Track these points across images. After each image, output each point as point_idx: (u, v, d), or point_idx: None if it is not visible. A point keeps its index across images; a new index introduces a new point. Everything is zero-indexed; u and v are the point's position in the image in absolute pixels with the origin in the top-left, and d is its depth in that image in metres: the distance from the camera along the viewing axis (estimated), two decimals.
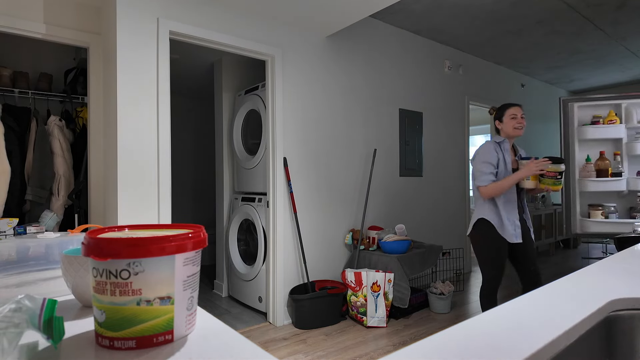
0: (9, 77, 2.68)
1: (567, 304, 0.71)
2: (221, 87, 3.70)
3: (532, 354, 0.52)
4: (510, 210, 2.15)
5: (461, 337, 0.57)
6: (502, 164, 2.17)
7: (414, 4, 3.28)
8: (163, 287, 0.55)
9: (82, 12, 2.46)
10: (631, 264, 1.03)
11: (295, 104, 3.02)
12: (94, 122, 2.54)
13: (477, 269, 4.71)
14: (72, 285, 0.73)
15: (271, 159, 2.93)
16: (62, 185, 2.62)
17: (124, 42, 2.22)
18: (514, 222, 2.14)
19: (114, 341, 0.54)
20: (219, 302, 3.53)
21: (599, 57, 4.75)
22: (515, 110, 2.19)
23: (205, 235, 0.62)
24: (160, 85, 2.34)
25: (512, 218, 2.14)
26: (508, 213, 2.14)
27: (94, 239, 0.54)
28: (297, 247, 3.04)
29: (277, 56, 2.90)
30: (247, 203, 3.32)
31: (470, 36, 4.00)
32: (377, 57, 3.59)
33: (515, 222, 2.14)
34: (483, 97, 4.77)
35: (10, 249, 0.91)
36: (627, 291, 0.78)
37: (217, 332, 0.61)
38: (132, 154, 2.24)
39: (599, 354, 0.72)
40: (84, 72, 2.86)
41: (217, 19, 2.60)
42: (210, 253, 4.95)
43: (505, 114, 2.21)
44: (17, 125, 2.58)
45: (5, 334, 0.47)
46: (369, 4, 2.63)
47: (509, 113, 2.20)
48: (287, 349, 2.49)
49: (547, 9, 3.38)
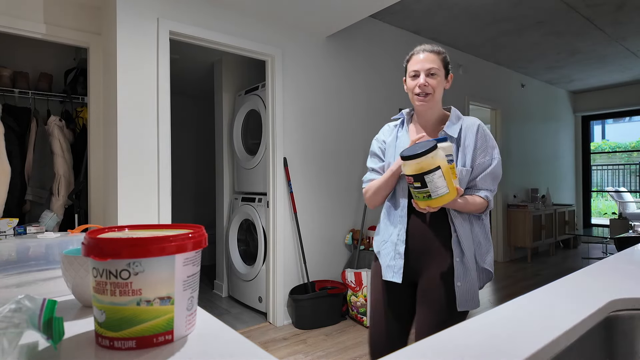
0: (9, 77, 2.68)
1: (567, 304, 0.71)
2: (221, 87, 3.70)
3: (532, 354, 0.52)
4: (389, 225, 1.32)
5: (461, 337, 0.57)
6: (390, 155, 1.34)
7: (414, 4, 3.27)
8: (163, 287, 0.55)
9: (82, 12, 2.46)
10: (631, 264, 1.03)
11: (295, 104, 3.02)
12: (94, 122, 2.54)
13: None
14: (72, 285, 0.73)
15: (271, 159, 2.93)
16: (62, 186, 2.62)
17: (124, 42, 2.22)
18: (394, 247, 1.27)
19: (114, 341, 0.54)
20: (219, 302, 3.53)
21: (599, 57, 4.75)
22: (418, 62, 1.24)
23: (205, 235, 0.62)
24: (160, 85, 2.34)
25: (393, 239, 1.29)
26: (386, 231, 1.33)
27: (94, 239, 0.54)
28: (297, 247, 3.04)
29: (277, 56, 2.90)
30: (247, 203, 3.32)
31: (470, 36, 4.00)
32: (377, 57, 3.59)
33: (397, 248, 1.26)
34: (483, 97, 4.77)
35: (10, 249, 0.91)
36: (627, 291, 0.78)
37: (217, 332, 0.61)
38: (132, 154, 2.24)
39: (599, 354, 0.72)
40: (84, 72, 2.86)
41: (217, 19, 2.60)
42: (210, 253, 4.94)
43: (407, 70, 1.30)
44: (17, 126, 2.58)
45: (5, 334, 0.47)
46: (369, 4, 2.63)
47: (409, 67, 1.28)
48: (287, 349, 2.49)
49: (547, 9, 3.38)
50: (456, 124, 1.27)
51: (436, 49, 1.26)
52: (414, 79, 1.26)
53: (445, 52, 1.29)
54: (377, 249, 1.35)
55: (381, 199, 1.32)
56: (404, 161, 1.11)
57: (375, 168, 1.37)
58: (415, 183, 1.11)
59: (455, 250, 1.22)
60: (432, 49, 1.26)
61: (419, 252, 1.25)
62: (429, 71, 1.23)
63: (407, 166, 1.11)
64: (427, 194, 1.10)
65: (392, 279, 1.26)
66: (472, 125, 1.27)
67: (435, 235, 1.24)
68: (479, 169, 1.25)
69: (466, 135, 1.26)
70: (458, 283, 1.20)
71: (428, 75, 1.23)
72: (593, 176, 7.24)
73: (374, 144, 1.40)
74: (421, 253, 1.25)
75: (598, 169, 8.05)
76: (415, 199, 1.15)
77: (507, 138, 5.16)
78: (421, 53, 1.25)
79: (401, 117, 1.39)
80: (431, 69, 1.23)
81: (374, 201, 1.33)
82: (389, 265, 1.28)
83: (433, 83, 1.23)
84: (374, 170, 1.37)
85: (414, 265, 1.27)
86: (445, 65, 1.28)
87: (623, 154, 9.24)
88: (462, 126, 1.27)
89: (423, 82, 1.22)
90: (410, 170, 1.10)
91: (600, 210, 9.50)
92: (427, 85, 1.23)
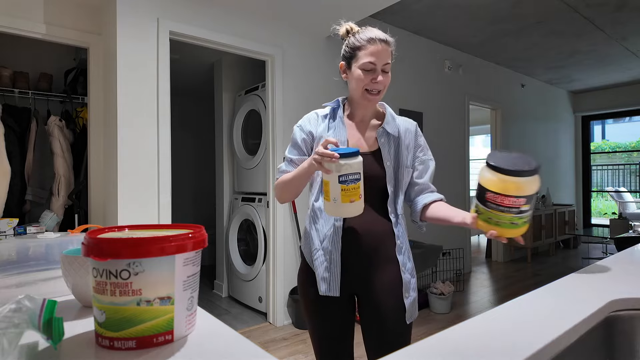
0: (9, 77, 2.68)
1: (567, 304, 0.71)
2: (221, 87, 3.70)
3: (532, 354, 0.52)
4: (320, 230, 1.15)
5: (461, 337, 0.57)
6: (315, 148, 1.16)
7: (414, 4, 3.27)
8: (163, 287, 0.55)
9: (82, 12, 2.46)
10: (631, 264, 1.03)
11: (295, 104, 3.02)
12: (94, 122, 2.54)
13: (477, 269, 4.71)
14: (72, 285, 0.73)
15: (271, 159, 2.93)
16: (62, 186, 2.62)
17: (124, 42, 2.22)
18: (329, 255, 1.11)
19: (114, 341, 0.54)
20: (219, 302, 3.53)
21: (599, 57, 4.75)
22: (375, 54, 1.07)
23: (205, 235, 0.62)
24: (160, 85, 2.34)
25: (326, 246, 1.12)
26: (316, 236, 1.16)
27: (94, 239, 0.54)
28: (297, 247, 3.04)
29: (277, 56, 2.90)
30: (247, 203, 3.32)
31: (470, 36, 4.00)
32: None
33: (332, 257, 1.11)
34: (483, 97, 4.77)
35: (10, 249, 0.91)
36: (627, 291, 0.78)
37: (217, 332, 0.61)
38: (132, 154, 2.24)
39: (599, 354, 0.72)
40: (84, 72, 2.85)
41: (217, 19, 2.60)
42: (210, 253, 4.94)
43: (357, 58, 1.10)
44: (17, 126, 2.58)
45: (5, 334, 0.47)
46: (369, 4, 2.63)
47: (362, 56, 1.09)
48: (287, 349, 2.49)
49: (547, 9, 3.38)
50: (392, 122, 1.17)
51: (390, 39, 1.11)
52: (367, 73, 1.09)
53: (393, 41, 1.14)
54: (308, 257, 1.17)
55: (292, 196, 1.16)
56: (508, 177, 0.87)
57: (293, 159, 1.17)
58: (523, 206, 0.88)
59: (401, 259, 1.12)
60: (386, 39, 1.10)
61: (357, 261, 1.11)
62: (385, 67, 1.09)
63: (511, 183, 0.87)
64: (526, 219, 0.91)
65: (329, 292, 1.10)
66: (410, 124, 1.21)
67: (376, 242, 1.11)
68: (424, 170, 1.19)
69: (405, 134, 1.18)
70: (406, 294, 1.10)
71: (382, 72, 1.09)
72: (593, 176, 7.23)
73: (297, 133, 1.19)
74: (360, 262, 1.11)
75: (598, 169, 8.05)
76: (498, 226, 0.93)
77: (507, 138, 5.17)
78: (379, 43, 1.08)
79: (335, 105, 1.22)
80: (386, 65, 1.09)
81: (284, 198, 1.17)
82: (324, 278, 1.11)
83: (386, 80, 1.11)
84: (292, 162, 1.17)
85: (353, 276, 1.12)
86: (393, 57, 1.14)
87: (623, 154, 9.25)
88: (399, 125, 1.18)
89: (382, 79, 1.09)
90: (517, 189, 0.87)
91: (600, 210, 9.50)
92: (380, 83, 1.09)
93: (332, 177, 0.94)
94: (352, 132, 1.18)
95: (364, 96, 1.12)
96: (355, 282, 1.13)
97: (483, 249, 5.85)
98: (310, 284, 1.15)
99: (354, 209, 0.97)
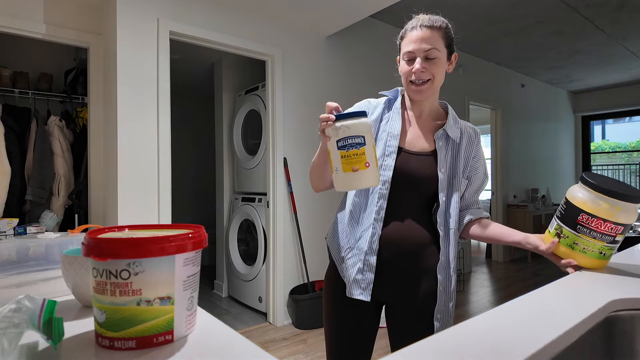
0: (9, 77, 2.68)
1: (567, 304, 0.71)
2: (221, 87, 3.70)
3: (532, 354, 0.52)
4: (356, 227, 1.06)
5: (461, 337, 0.57)
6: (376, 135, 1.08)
7: (414, 4, 3.27)
8: (163, 287, 0.55)
9: (82, 12, 2.46)
10: (631, 264, 1.03)
11: (295, 104, 3.02)
12: (94, 122, 2.54)
13: (477, 269, 4.71)
14: (72, 285, 0.73)
15: (271, 159, 2.93)
16: (62, 186, 2.62)
17: (124, 42, 2.22)
18: (364, 257, 1.02)
19: (114, 341, 0.54)
20: (219, 302, 3.53)
21: (599, 57, 4.75)
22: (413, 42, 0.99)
23: (205, 235, 0.62)
24: (160, 85, 2.34)
25: (362, 246, 1.03)
26: (351, 234, 1.07)
27: (94, 239, 0.54)
28: (297, 247, 3.04)
29: (277, 56, 2.90)
30: (247, 203, 3.32)
31: (470, 36, 4.00)
32: (377, 57, 3.59)
33: (367, 259, 1.01)
34: (483, 97, 4.77)
35: (10, 249, 0.91)
36: (627, 291, 0.78)
37: (217, 332, 0.61)
38: (132, 154, 2.24)
39: (599, 355, 0.72)
40: (84, 72, 2.85)
41: (217, 19, 2.60)
42: (210, 253, 4.94)
43: (401, 48, 1.05)
44: (17, 126, 2.58)
45: (5, 334, 0.47)
46: (369, 4, 2.63)
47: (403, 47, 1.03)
48: (287, 349, 2.49)
49: (547, 9, 3.38)
50: (454, 125, 1.06)
51: (437, 23, 1.00)
52: (409, 63, 1.00)
53: (448, 24, 1.03)
54: (337, 256, 1.08)
55: (317, 180, 1.06)
56: (616, 200, 0.79)
57: None
58: (619, 235, 0.79)
59: (441, 276, 1.01)
60: (432, 23, 0.99)
61: (394, 267, 1.01)
62: (428, 54, 0.98)
63: (617, 207, 0.78)
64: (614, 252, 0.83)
65: (360, 296, 1.02)
66: (472, 130, 1.09)
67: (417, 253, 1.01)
68: (477, 182, 1.09)
69: (466, 140, 1.07)
70: (438, 315, 1.02)
71: (426, 59, 0.98)
72: None
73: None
74: (396, 270, 1.01)
75: (598, 169, 8.05)
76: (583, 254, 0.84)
77: (507, 138, 5.16)
78: (418, 29, 0.98)
79: (394, 95, 1.11)
80: (430, 51, 0.98)
81: (312, 182, 1.08)
82: (356, 280, 1.02)
83: (432, 69, 0.99)
84: None
85: (386, 283, 1.02)
86: (449, 44, 1.02)
87: (623, 154, 9.24)
88: (461, 129, 1.07)
89: (420, 67, 0.98)
90: (623, 215, 0.78)
91: None
92: (424, 72, 0.98)
93: (332, 144, 0.84)
94: (409, 126, 1.08)
95: (410, 88, 1.03)
96: (388, 290, 1.03)
97: (483, 249, 5.85)
98: (338, 283, 1.08)
99: (360, 179, 0.83)
